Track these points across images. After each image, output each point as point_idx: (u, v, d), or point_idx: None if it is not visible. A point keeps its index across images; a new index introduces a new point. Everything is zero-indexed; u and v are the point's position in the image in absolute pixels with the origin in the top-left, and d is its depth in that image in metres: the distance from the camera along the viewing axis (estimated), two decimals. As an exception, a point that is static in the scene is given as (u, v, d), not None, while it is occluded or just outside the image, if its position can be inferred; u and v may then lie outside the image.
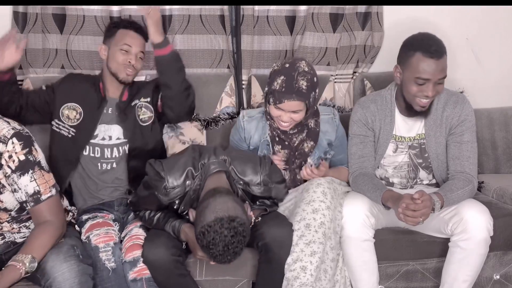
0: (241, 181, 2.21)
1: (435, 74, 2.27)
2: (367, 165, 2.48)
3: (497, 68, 3.34)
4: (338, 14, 3.09)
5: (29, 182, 1.97)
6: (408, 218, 2.18)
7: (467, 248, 2.24)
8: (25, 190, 1.98)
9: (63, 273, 1.92)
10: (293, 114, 2.35)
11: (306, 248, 2.19)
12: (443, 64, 2.29)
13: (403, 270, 2.49)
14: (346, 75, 3.21)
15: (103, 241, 2.18)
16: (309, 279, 2.16)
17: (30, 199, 2.00)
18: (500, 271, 2.55)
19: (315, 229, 2.20)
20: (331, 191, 2.30)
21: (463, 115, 2.40)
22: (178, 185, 2.14)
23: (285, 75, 2.32)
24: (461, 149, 2.38)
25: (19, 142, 1.94)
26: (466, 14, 3.23)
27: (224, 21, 3.00)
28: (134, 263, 2.16)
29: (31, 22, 2.84)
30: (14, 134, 1.92)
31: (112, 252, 2.15)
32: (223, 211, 1.92)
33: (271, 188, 2.27)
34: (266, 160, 2.28)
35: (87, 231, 2.23)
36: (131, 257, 2.17)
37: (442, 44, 2.32)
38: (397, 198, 2.24)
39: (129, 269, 2.16)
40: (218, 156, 2.18)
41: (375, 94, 2.57)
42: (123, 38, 2.51)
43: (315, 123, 2.49)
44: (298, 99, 2.31)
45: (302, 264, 2.17)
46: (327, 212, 2.23)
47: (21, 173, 1.96)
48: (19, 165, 1.94)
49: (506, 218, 2.51)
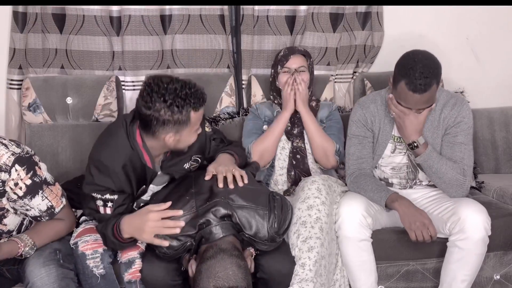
0: (246, 234, 2.07)
1: (417, 105, 2.25)
2: (365, 166, 2.48)
3: (497, 68, 3.34)
4: (338, 14, 3.09)
5: (41, 201, 1.98)
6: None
7: (465, 248, 2.24)
8: (38, 208, 1.99)
9: (42, 278, 1.93)
10: (301, 75, 2.64)
11: (303, 245, 2.19)
12: (428, 96, 2.20)
13: (403, 270, 2.49)
14: (346, 75, 3.21)
15: (91, 247, 2.12)
16: (308, 274, 2.16)
17: (44, 214, 2.02)
18: (500, 271, 2.55)
19: (311, 224, 2.22)
20: (325, 187, 2.31)
21: (459, 117, 2.39)
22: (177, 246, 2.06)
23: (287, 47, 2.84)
24: (453, 150, 2.37)
25: (22, 167, 1.87)
26: (466, 14, 3.23)
27: (224, 21, 3.00)
28: (129, 264, 2.15)
29: (31, 22, 2.85)
30: (15, 160, 1.84)
31: (100, 259, 2.11)
32: (223, 280, 1.86)
33: (279, 242, 2.13)
34: (276, 204, 2.12)
35: (77, 236, 2.17)
36: (127, 258, 2.16)
37: (434, 71, 2.18)
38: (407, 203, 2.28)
39: (125, 270, 2.15)
40: (218, 214, 2.04)
41: (375, 94, 2.57)
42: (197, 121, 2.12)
43: (316, 105, 2.76)
44: (301, 54, 2.70)
45: (301, 261, 2.18)
46: (322, 207, 2.25)
47: (32, 196, 1.94)
48: (27, 190, 1.91)
49: (506, 218, 2.50)
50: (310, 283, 2.15)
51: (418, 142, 2.32)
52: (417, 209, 2.28)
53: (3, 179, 1.84)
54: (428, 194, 2.50)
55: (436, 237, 2.25)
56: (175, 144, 2.11)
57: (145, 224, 2.04)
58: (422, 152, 2.32)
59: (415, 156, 2.36)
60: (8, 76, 2.90)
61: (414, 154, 2.37)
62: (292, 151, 2.65)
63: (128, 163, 2.10)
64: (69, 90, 2.85)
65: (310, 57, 2.76)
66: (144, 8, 2.92)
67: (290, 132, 2.68)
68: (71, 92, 2.85)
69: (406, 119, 2.29)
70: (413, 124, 2.30)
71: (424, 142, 2.34)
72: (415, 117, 2.29)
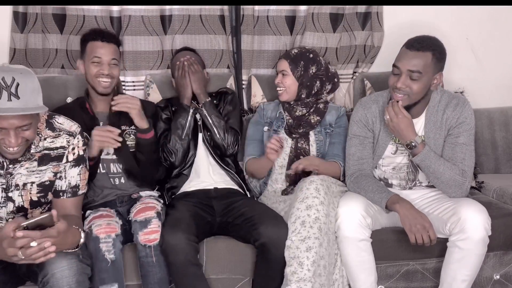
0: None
1: (407, 62, 2.29)
2: (366, 167, 2.48)
3: (497, 68, 3.34)
4: (338, 14, 3.09)
5: (76, 174, 2.12)
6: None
7: (465, 248, 2.24)
8: (69, 181, 2.11)
9: (63, 270, 1.91)
10: (282, 78, 2.70)
11: (301, 244, 2.21)
12: (420, 60, 2.27)
13: (403, 270, 2.49)
14: (346, 75, 3.21)
15: (105, 231, 2.17)
16: (306, 274, 2.18)
17: (69, 190, 2.12)
18: (500, 271, 2.55)
19: (310, 224, 2.22)
20: (324, 188, 2.31)
21: (461, 117, 2.39)
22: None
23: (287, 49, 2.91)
24: (455, 151, 2.37)
25: (82, 138, 2.14)
26: (466, 14, 3.24)
27: (224, 21, 3.00)
28: (145, 224, 2.20)
29: (31, 22, 2.85)
30: (80, 131, 2.14)
31: (112, 244, 2.15)
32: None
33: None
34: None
35: (89, 221, 2.23)
36: (143, 217, 2.21)
37: (434, 44, 2.31)
38: (408, 205, 2.28)
39: (139, 229, 2.19)
40: None
41: (377, 94, 2.57)
42: (92, 50, 2.48)
43: (324, 107, 2.74)
44: (284, 59, 2.72)
45: (299, 260, 2.20)
46: (321, 207, 2.25)
47: (74, 165, 2.11)
48: (76, 158, 2.11)
49: (506, 218, 2.51)
50: (308, 283, 2.17)
51: (416, 141, 2.33)
52: (418, 212, 2.28)
53: (73, 143, 2.10)
54: (428, 194, 2.50)
55: (436, 240, 2.25)
56: (86, 76, 2.51)
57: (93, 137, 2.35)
58: (420, 152, 2.33)
59: (412, 156, 2.37)
60: (8, 76, 2.90)
61: (411, 154, 2.37)
62: (295, 151, 2.65)
63: (77, 107, 2.52)
64: (69, 90, 2.85)
65: (295, 62, 2.68)
66: (144, 8, 2.93)
67: (294, 130, 2.68)
68: (71, 92, 2.85)
69: (397, 119, 2.31)
70: (404, 123, 2.31)
71: (422, 142, 2.34)
72: (406, 117, 2.31)
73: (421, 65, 2.28)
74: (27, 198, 2.07)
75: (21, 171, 2.03)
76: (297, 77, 2.67)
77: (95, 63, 2.47)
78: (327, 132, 2.68)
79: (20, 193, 2.05)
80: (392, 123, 2.33)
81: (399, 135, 2.35)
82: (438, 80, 2.35)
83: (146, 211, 2.26)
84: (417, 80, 2.30)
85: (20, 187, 2.04)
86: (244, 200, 2.55)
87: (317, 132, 2.68)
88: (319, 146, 2.66)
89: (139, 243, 2.21)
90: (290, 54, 2.72)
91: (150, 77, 2.96)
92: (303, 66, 2.67)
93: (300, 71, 2.67)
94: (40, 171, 2.06)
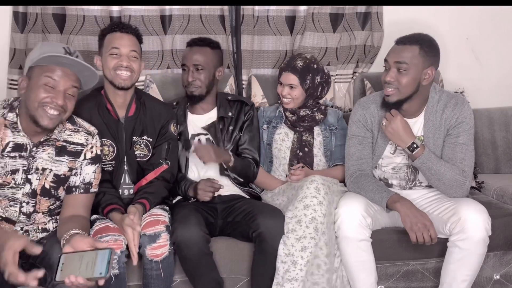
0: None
1: (393, 54, 2.34)
2: (365, 167, 2.48)
3: (497, 68, 3.35)
4: (338, 14, 3.09)
5: (91, 172, 2.18)
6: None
7: (465, 248, 2.24)
8: (84, 177, 2.16)
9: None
10: (290, 90, 2.68)
11: (296, 243, 2.23)
12: (406, 53, 2.31)
13: (403, 270, 2.50)
14: (346, 75, 3.22)
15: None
16: (298, 273, 2.22)
17: (82, 186, 2.16)
18: (500, 271, 2.55)
19: (306, 224, 2.24)
20: (325, 187, 2.32)
21: (461, 117, 2.39)
22: None
23: (290, 57, 2.87)
24: (455, 151, 2.37)
25: (100, 139, 2.24)
26: (466, 14, 3.24)
27: (224, 21, 3.01)
28: (154, 238, 2.16)
29: (31, 22, 2.85)
30: (97, 132, 2.22)
31: (117, 261, 2.12)
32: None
33: None
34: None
35: (94, 234, 2.16)
36: (152, 231, 2.16)
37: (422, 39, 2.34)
38: (409, 204, 2.29)
39: (148, 243, 2.15)
40: None
41: (376, 94, 2.57)
42: (110, 42, 2.36)
43: (325, 108, 2.80)
44: (292, 73, 2.68)
45: (293, 258, 2.22)
46: (319, 208, 2.26)
47: (91, 163, 2.18)
48: (94, 157, 2.18)
49: (506, 218, 2.51)
50: (301, 282, 2.21)
51: (416, 143, 2.33)
52: (419, 211, 2.28)
53: (91, 142, 2.18)
54: (428, 194, 2.50)
55: (436, 239, 2.25)
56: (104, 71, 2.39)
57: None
58: (421, 154, 2.32)
59: (412, 160, 2.36)
60: (9, 76, 2.90)
61: (412, 158, 2.36)
62: (300, 143, 2.67)
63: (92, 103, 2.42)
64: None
65: (303, 76, 2.66)
66: (144, 8, 2.93)
67: (297, 124, 2.70)
68: (71, 92, 2.84)
69: (394, 124, 2.32)
70: (403, 124, 2.32)
71: (422, 144, 2.35)
72: (401, 121, 2.33)
73: (408, 57, 2.31)
74: (42, 183, 2.09)
75: (43, 156, 2.08)
76: (305, 89, 2.69)
77: (113, 55, 2.34)
78: (332, 130, 2.72)
79: (39, 177, 2.09)
80: (390, 125, 2.33)
81: (399, 139, 2.35)
82: (430, 75, 2.35)
83: (155, 225, 2.19)
84: (405, 73, 2.32)
85: (40, 171, 2.08)
86: (245, 199, 2.56)
87: (322, 129, 2.72)
88: (326, 142, 2.70)
89: (145, 256, 2.17)
90: (296, 67, 2.67)
91: (150, 77, 2.96)
92: (310, 78, 2.69)
93: (309, 84, 2.69)
94: (57, 161, 2.11)
